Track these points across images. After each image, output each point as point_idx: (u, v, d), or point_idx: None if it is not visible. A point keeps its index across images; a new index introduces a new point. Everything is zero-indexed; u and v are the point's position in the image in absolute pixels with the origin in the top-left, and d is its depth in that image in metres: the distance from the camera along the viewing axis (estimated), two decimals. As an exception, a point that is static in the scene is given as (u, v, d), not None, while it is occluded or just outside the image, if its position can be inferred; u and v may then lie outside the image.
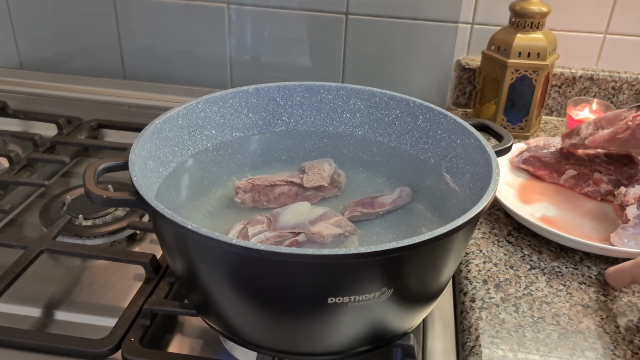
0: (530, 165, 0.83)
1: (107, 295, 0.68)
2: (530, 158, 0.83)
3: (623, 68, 1.03)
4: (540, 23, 0.92)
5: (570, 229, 0.72)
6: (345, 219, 0.58)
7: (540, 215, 0.75)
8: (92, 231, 0.76)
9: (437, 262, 0.51)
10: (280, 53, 1.09)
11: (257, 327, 0.52)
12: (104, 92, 1.11)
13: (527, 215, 0.73)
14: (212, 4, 1.06)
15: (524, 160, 0.83)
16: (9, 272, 0.65)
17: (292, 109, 0.72)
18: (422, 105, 0.68)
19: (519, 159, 0.84)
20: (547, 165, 0.82)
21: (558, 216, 0.75)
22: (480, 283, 0.66)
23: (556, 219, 0.74)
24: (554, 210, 0.76)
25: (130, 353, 0.56)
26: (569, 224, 0.74)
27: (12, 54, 1.17)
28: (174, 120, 0.64)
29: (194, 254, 0.50)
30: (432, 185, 0.64)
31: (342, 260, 0.44)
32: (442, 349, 0.61)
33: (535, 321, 0.60)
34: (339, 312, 0.48)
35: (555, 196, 0.79)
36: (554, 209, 0.77)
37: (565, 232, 0.69)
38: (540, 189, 0.81)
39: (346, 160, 0.68)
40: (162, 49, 1.12)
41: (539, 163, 0.82)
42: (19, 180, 0.85)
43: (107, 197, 0.52)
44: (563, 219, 0.75)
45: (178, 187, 0.61)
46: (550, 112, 1.07)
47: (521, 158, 0.83)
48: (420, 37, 1.04)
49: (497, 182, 0.53)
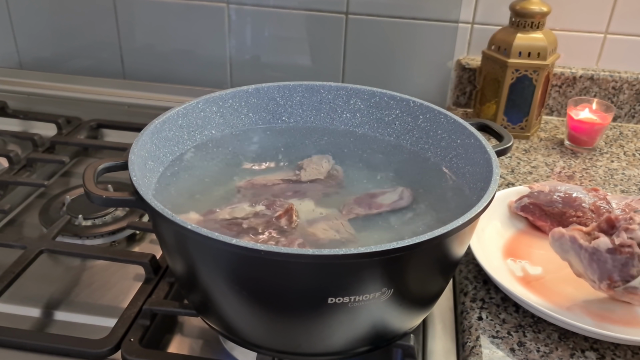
0: (529, 214, 0.72)
1: (106, 295, 0.68)
2: (530, 205, 0.72)
3: (623, 68, 1.03)
4: (541, 23, 0.92)
5: (551, 295, 0.62)
6: (344, 223, 0.58)
7: (521, 273, 0.65)
8: (92, 231, 0.76)
9: (437, 262, 0.51)
10: (280, 53, 1.09)
11: (257, 327, 0.52)
12: (104, 92, 1.11)
13: (503, 272, 0.65)
14: (212, 3, 1.06)
15: (522, 207, 0.73)
16: (8, 272, 0.65)
17: (292, 108, 0.72)
18: (422, 105, 0.68)
19: (518, 204, 0.73)
20: (548, 215, 0.71)
21: (541, 275, 0.65)
22: (481, 283, 0.65)
23: (539, 280, 0.64)
24: (539, 270, 0.66)
25: (130, 353, 0.56)
26: (550, 289, 0.63)
27: (12, 53, 1.17)
28: (174, 120, 0.64)
29: (193, 254, 0.50)
30: (433, 185, 0.64)
31: (342, 260, 0.43)
32: (442, 349, 0.61)
33: (536, 321, 0.60)
34: (339, 312, 0.48)
35: (551, 254, 0.63)
36: (540, 268, 0.66)
37: (545, 299, 0.61)
38: (536, 243, 0.70)
39: (346, 158, 0.68)
40: (161, 49, 1.12)
41: (540, 212, 0.72)
42: (18, 180, 0.85)
43: (107, 197, 0.52)
44: (548, 280, 0.64)
45: (178, 186, 0.61)
46: (550, 112, 1.07)
47: (520, 204, 0.73)
48: (420, 37, 1.04)
49: (497, 182, 0.53)
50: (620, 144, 0.98)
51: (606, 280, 0.57)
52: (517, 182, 0.85)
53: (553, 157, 0.93)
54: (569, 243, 0.59)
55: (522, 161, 0.91)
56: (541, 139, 0.98)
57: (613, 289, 0.57)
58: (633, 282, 0.56)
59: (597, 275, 0.57)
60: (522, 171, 0.88)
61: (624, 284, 0.56)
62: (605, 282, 0.57)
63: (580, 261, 0.58)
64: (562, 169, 0.89)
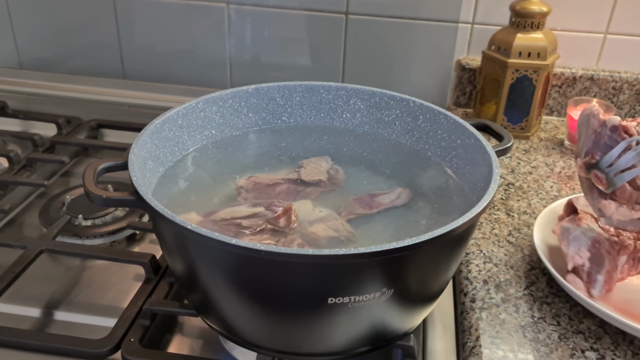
0: None
1: (106, 295, 0.68)
2: None
3: (623, 68, 1.03)
4: (541, 23, 0.92)
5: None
6: (344, 223, 0.58)
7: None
8: (92, 231, 0.76)
9: (437, 262, 0.51)
10: (280, 53, 1.09)
11: (257, 327, 0.52)
12: (104, 92, 1.11)
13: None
14: (211, 3, 1.06)
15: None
16: (8, 272, 0.65)
17: (292, 108, 0.72)
18: (422, 105, 0.68)
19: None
20: None
21: None
22: (481, 283, 0.65)
23: None
24: None
25: (130, 353, 0.56)
26: None
27: (12, 53, 1.17)
28: (174, 120, 0.64)
29: (193, 254, 0.50)
30: (433, 185, 0.64)
31: (342, 260, 0.43)
32: (442, 350, 0.61)
33: (536, 321, 0.60)
34: (339, 312, 0.48)
35: None
36: None
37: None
38: None
39: (346, 158, 0.68)
40: (161, 49, 1.12)
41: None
42: (18, 180, 0.85)
43: (107, 197, 0.51)
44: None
45: (178, 186, 0.61)
46: (550, 112, 1.07)
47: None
48: (420, 37, 1.04)
49: (497, 182, 0.53)
50: (620, 144, 0.98)
51: (589, 155, 0.56)
52: (517, 182, 0.85)
53: (553, 157, 0.93)
54: (593, 113, 0.58)
55: (522, 161, 0.91)
56: (541, 139, 0.98)
57: (587, 167, 0.56)
58: (602, 161, 0.56)
59: (587, 148, 0.57)
60: (522, 171, 0.88)
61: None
62: (587, 157, 0.57)
63: (587, 133, 0.57)
64: (562, 169, 0.89)
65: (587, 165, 0.56)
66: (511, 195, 0.82)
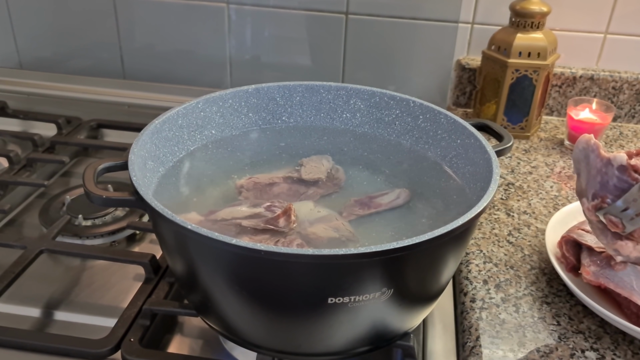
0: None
1: (106, 295, 0.68)
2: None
3: (623, 68, 1.03)
4: (541, 23, 0.92)
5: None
6: (344, 223, 0.58)
7: None
8: (92, 231, 0.76)
9: (437, 262, 0.51)
10: (280, 53, 1.09)
11: (257, 327, 0.52)
12: (104, 92, 1.11)
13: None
14: (212, 3, 1.06)
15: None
16: (8, 272, 0.65)
17: (292, 108, 0.72)
18: (422, 105, 0.68)
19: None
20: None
21: None
22: (481, 283, 0.65)
23: None
24: None
25: (130, 353, 0.56)
26: None
27: (12, 53, 1.17)
28: (174, 120, 0.64)
29: (193, 254, 0.50)
30: (433, 185, 0.64)
31: (342, 260, 0.43)
32: (442, 349, 0.61)
33: (536, 321, 0.60)
34: (339, 312, 0.48)
35: None
36: None
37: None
38: None
39: (346, 157, 0.68)
40: (161, 49, 1.12)
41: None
42: (18, 180, 0.85)
43: (107, 197, 0.51)
44: None
45: (178, 186, 0.61)
46: (550, 112, 1.07)
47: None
48: (420, 37, 1.04)
49: (497, 182, 0.53)
50: (621, 144, 0.98)
51: (598, 199, 0.54)
52: (517, 182, 0.85)
53: (553, 157, 0.93)
54: (591, 148, 0.55)
55: (522, 161, 0.91)
56: (541, 139, 0.98)
57: (597, 210, 0.54)
58: (615, 205, 0.53)
59: (594, 190, 0.55)
60: (522, 171, 0.88)
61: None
62: (597, 201, 0.54)
63: (589, 171, 0.55)
64: (562, 169, 0.89)
65: (597, 208, 0.55)
66: (511, 195, 0.82)
